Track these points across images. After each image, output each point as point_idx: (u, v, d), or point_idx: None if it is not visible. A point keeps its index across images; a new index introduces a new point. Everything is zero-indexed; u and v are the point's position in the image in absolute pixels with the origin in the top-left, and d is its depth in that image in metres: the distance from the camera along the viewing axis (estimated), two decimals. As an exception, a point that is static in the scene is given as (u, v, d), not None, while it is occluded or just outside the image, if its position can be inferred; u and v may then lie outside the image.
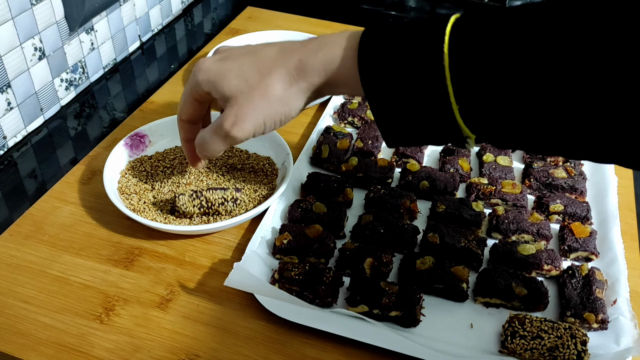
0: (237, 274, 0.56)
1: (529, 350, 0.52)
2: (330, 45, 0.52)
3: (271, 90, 0.53)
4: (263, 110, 0.53)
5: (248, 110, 0.53)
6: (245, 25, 1.07)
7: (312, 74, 0.52)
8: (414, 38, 0.46)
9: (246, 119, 0.53)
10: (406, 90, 0.46)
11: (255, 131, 0.54)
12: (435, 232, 0.63)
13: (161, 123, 0.76)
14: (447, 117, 0.45)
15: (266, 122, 0.54)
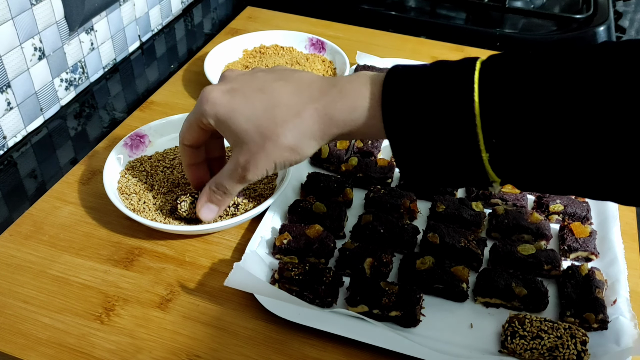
0: (237, 274, 0.56)
1: (528, 350, 0.52)
2: (351, 94, 0.52)
3: (283, 141, 0.53)
4: (275, 157, 0.54)
5: (260, 157, 0.54)
6: (245, 25, 1.07)
7: (330, 126, 0.53)
8: (440, 85, 0.46)
9: (259, 164, 0.55)
10: (433, 138, 0.46)
11: (267, 172, 0.56)
12: (435, 232, 0.63)
13: (161, 123, 0.76)
14: (475, 163, 0.45)
15: (277, 165, 0.55)
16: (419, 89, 0.47)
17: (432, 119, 0.46)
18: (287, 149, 0.54)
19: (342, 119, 0.52)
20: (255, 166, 0.55)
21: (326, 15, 1.09)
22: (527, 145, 0.43)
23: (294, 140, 0.53)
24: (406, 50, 1.00)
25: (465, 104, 0.44)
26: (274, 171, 0.56)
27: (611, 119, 0.40)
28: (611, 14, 1.04)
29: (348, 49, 0.95)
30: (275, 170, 0.56)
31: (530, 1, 1.14)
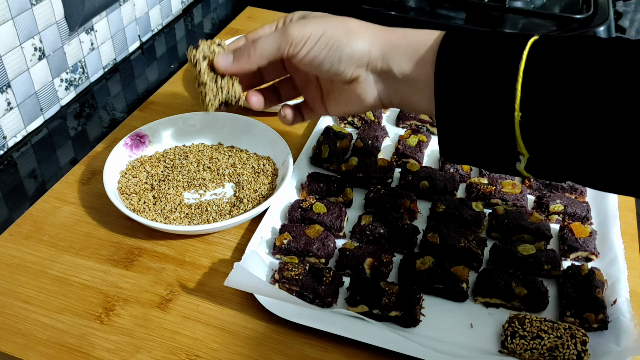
0: (237, 274, 0.56)
1: (528, 351, 0.52)
2: (416, 31, 0.53)
3: (348, 21, 0.53)
4: (329, 26, 0.52)
5: (318, 19, 0.53)
6: (245, 25, 1.07)
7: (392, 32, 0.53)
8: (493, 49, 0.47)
9: (309, 24, 0.53)
10: (474, 85, 0.47)
11: (310, 36, 0.52)
12: (435, 232, 0.63)
13: (161, 123, 0.76)
14: (507, 123, 0.46)
15: (323, 36, 0.52)
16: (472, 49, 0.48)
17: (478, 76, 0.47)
18: (346, 28, 0.53)
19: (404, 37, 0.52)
20: (306, 24, 0.53)
21: (326, 15, 1.09)
22: (559, 119, 0.44)
23: (356, 27, 0.53)
24: (406, 50, 1.00)
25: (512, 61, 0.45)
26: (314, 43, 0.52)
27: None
28: (611, 14, 1.04)
29: (348, 49, 0.94)
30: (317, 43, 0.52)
31: (530, 1, 1.14)
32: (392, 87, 0.54)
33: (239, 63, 0.56)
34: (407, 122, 0.82)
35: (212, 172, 0.72)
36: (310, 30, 0.52)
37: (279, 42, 0.53)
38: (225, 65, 0.56)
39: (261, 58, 0.54)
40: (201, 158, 0.74)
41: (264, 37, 0.54)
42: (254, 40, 0.55)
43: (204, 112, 0.68)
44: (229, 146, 0.76)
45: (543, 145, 0.46)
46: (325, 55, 0.53)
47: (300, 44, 0.52)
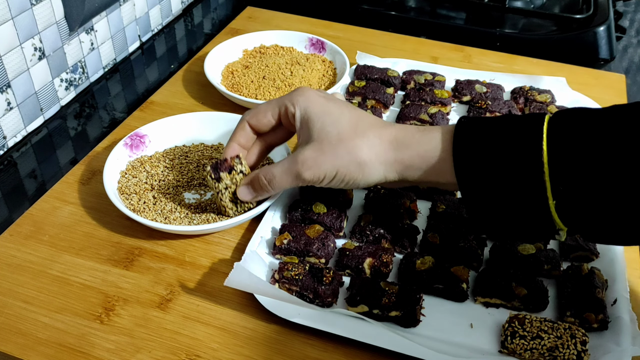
0: (237, 273, 0.56)
1: (528, 351, 0.52)
2: (425, 135, 0.54)
3: (357, 152, 0.55)
4: (340, 164, 0.55)
5: (327, 159, 0.55)
6: (245, 25, 1.07)
7: (403, 151, 0.54)
8: (510, 135, 0.48)
9: (322, 166, 0.55)
10: (502, 186, 0.48)
11: (324, 179, 0.56)
12: (435, 232, 0.63)
13: (161, 123, 0.76)
14: (542, 211, 0.47)
15: (337, 176, 0.55)
16: (488, 138, 0.49)
17: (501, 166, 0.48)
18: (356, 161, 0.54)
19: (416, 149, 0.53)
20: (318, 165, 0.55)
21: (326, 15, 1.09)
22: (592, 194, 0.45)
23: (366, 156, 0.54)
24: (406, 51, 1.00)
25: (534, 152, 0.46)
26: (329, 182, 0.56)
27: None
28: (611, 14, 1.04)
29: (348, 49, 0.95)
30: (332, 181, 0.56)
31: (530, 1, 1.14)
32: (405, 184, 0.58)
33: (261, 194, 0.61)
34: (407, 122, 0.82)
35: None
36: (323, 173, 0.55)
37: (295, 181, 0.57)
38: (249, 199, 0.62)
39: (279, 190, 0.60)
40: (201, 158, 0.74)
41: (278, 173, 0.57)
42: (267, 176, 0.58)
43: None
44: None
45: (581, 219, 0.47)
46: (345, 185, 0.57)
47: (317, 183, 0.57)
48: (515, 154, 0.47)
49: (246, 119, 0.62)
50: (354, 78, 0.90)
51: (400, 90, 0.89)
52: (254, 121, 0.61)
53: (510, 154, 0.48)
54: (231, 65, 0.92)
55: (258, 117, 0.61)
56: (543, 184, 0.46)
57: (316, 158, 0.55)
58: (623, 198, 0.44)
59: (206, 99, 0.87)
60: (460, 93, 0.87)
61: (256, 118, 0.61)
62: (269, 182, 0.59)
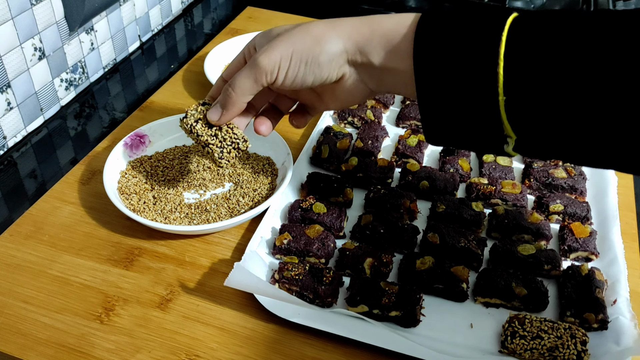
0: (237, 274, 0.56)
1: (528, 351, 0.52)
2: (391, 15, 0.52)
3: (312, 29, 0.52)
4: (295, 42, 0.51)
5: (282, 40, 0.52)
6: (245, 25, 1.07)
7: (362, 26, 0.51)
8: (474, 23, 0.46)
9: (276, 48, 0.51)
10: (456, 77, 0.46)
11: (280, 60, 0.51)
12: (435, 232, 0.63)
13: (161, 123, 0.76)
14: (492, 108, 0.45)
15: (294, 55, 0.51)
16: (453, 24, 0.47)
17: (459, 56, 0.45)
18: (312, 36, 0.51)
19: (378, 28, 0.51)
20: (272, 48, 0.51)
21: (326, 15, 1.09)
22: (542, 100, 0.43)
23: (321, 30, 0.52)
24: (406, 50, 1.00)
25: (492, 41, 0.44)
26: (287, 66, 0.52)
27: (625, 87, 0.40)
28: (611, 14, 1.04)
29: (348, 49, 0.94)
30: (290, 64, 0.52)
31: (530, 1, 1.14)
32: (377, 77, 0.53)
33: (227, 110, 0.56)
34: (407, 122, 0.82)
35: (212, 172, 0.72)
36: (279, 54, 0.52)
37: (254, 76, 0.53)
38: (217, 117, 0.57)
39: (244, 96, 0.55)
40: (201, 158, 0.74)
41: (238, 75, 0.54)
42: (230, 83, 0.55)
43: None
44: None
45: (530, 125, 0.45)
46: (304, 70, 0.52)
47: (275, 70, 0.52)
48: (474, 41, 0.45)
49: (222, 75, 0.61)
50: (354, 78, 0.90)
51: (400, 90, 0.89)
52: (227, 72, 0.60)
53: (470, 41, 0.45)
54: (231, 65, 0.92)
55: (230, 68, 0.59)
56: (495, 77, 0.44)
57: (271, 43, 0.52)
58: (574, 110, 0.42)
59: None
60: (460, 93, 0.86)
61: (229, 69, 0.59)
62: (231, 86, 0.55)
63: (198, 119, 0.59)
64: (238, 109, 0.56)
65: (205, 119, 0.58)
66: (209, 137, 0.58)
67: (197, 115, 0.59)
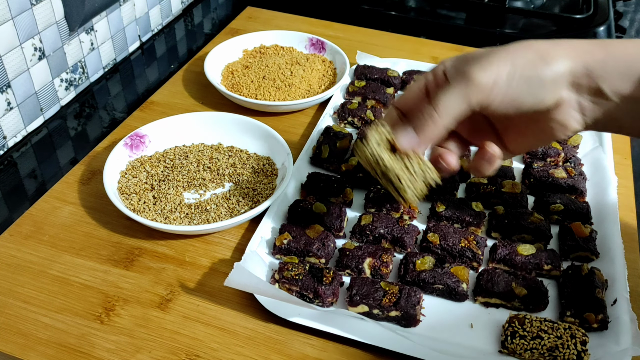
0: (237, 274, 0.56)
1: (528, 351, 0.52)
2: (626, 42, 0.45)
3: (532, 44, 0.45)
4: (515, 57, 0.44)
5: (498, 54, 0.44)
6: (245, 25, 1.07)
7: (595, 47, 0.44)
8: None
9: (493, 61, 0.44)
10: None
11: (499, 75, 0.44)
12: (435, 232, 0.63)
13: (161, 123, 0.76)
14: None
15: (514, 70, 0.44)
16: None
17: None
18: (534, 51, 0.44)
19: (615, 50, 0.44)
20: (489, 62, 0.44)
21: (326, 15, 1.09)
22: None
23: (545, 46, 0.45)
24: (406, 50, 1.00)
25: None
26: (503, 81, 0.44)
27: None
28: (611, 14, 1.04)
29: (348, 49, 0.95)
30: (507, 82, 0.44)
31: (530, 1, 1.14)
32: (603, 108, 0.46)
33: (425, 135, 0.46)
34: (407, 122, 0.82)
35: (212, 172, 0.72)
36: (496, 68, 0.44)
37: (465, 94, 0.44)
38: (412, 143, 0.47)
39: (449, 119, 0.45)
40: (201, 158, 0.74)
41: (442, 95, 0.45)
42: (432, 101, 0.46)
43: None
44: (229, 146, 0.76)
45: None
46: (526, 89, 0.45)
47: (492, 89, 0.44)
48: None
49: (394, 104, 0.52)
50: (354, 78, 0.90)
51: (400, 90, 0.89)
52: (400, 101, 0.51)
53: None
54: (231, 65, 0.92)
55: (405, 96, 0.51)
56: None
57: (486, 57, 0.44)
58: None
59: (206, 99, 0.87)
60: (460, 93, 0.86)
61: (402, 97, 0.51)
62: (434, 107, 0.45)
63: (381, 143, 0.49)
64: (438, 135, 0.47)
65: (388, 143, 0.48)
66: (400, 171, 0.48)
67: (377, 138, 0.49)
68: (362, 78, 0.89)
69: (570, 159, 0.74)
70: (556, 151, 0.74)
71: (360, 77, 0.89)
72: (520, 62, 0.44)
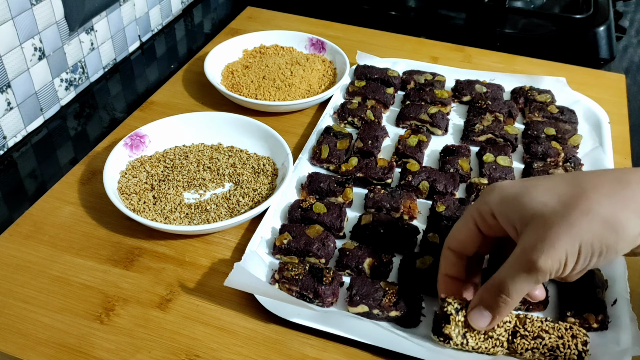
0: (237, 274, 0.56)
1: (529, 350, 0.52)
2: None
3: (598, 209, 0.41)
4: (582, 233, 0.41)
5: (559, 231, 0.42)
6: (245, 25, 1.07)
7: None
8: None
9: (557, 243, 0.42)
10: None
11: (567, 260, 0.42)
12: (435, 232, 0.63)
13: (161, 123, 0.76)
14: None
15: (582, 249, 0.42)
16: None
17: None
18: (600, 221, 0.41)
19: None
20: (552, 245, 0.42)
21: (326, 15, 1.09)
22: None
23: (611, 210, 0.41)
24: (406, 50, 1.00)
25: None
26: (575, 261, 0.43)
27: None
28: (611, 14, 1.04)
29: (348, 49, 0.95)
30: (579, 259, 0.42)
31: (530, 1, 1.14)
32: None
33: (500, 315, 0.48)
34: (407, 122, 0.82)
35: (212, 172, 0.72)
36: (563, 252, 0.42)
37: (534, 279, 0.44)
38: (486, 324, 0.49)
39: (520, 298, 0.47)
40: (201, 158, 0.74)
41: (510, 281, 0.45)
42: (501, 288, 0.46)
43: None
44: (229, 146, 0.76)
45: None
46: (597, 261, 0.43)
47: (560, 269, 0.43)
48: None
49: (446, 245, 0.53)
50: (354, 78, 0.90)
51: (400, 90, 0.89)
52: (455, 244, 0.52)
53: None
54: (231, 65, 0.92)
55: (456, 237, 0.51)
56: None
57: (545, 238, 0.42)
58: None
59: (206, 99, 0.87)
60: (460, 93, 0.87)
61: (456, 240, 0.51)
62: (500, 291, 0.46)
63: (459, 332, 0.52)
64: (510, 311, 0.48)
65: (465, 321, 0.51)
66: (482, 343, 0.52)
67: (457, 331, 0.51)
68: (362, 78, 0.89)
69: (570, 159, 0.74)
70: (556, 151, 0.74)
71: (360, 77, 0.89)
72: (587, 238, 0.42)
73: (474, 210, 0.49)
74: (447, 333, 0.51)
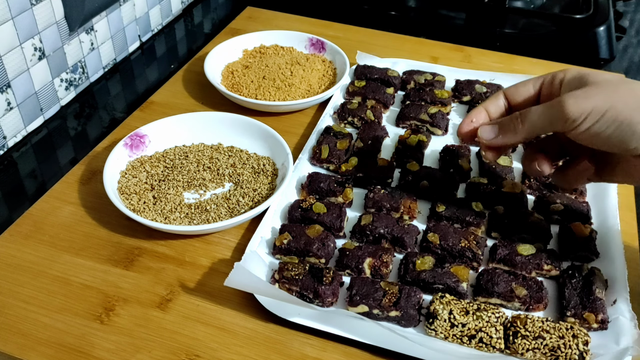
0: (237, 274, 0.56)
1: (530, 350, 0.52)
2: None
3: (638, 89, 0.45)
4: (617, 99, 0.44)
5: (601, 92, 0.45)
6: (245, 25, 1.07)
7: None
8: None
9: (591, 97, 0.45)
10: None
11: (591, 112, 0.45)
12: (435, 232, 0.63)
13: (161, 123, 0.76)
14: None
15: (609, 112, 0.44)
16: None
17: None
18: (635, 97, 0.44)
19: None
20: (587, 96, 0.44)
21: (326, 15, 1.09)
22: None
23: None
24: (406, 50, 1.00)
25: None
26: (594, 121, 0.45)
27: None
28: (611, 14, 1.04)
29: (348, 49, 0.95)
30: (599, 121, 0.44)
31: (530, 1, 1.14)
32: None
33: (505, 137, 0.51)
34: (407, 122, 0.82)
35: (212, 172, 0.72)
36: (591, 105, 0.45)
37: (552, 117, 0.47)
38: (489, 137, 0.52)
39: (529, 133, 0.49)
40: (201, 158, 0.74)
41: (534, 110, 0.48)
42: (522, 113, 0.49)
43: None
44: (229, 146, 0.76)
45: None
46: (613, 132, 0.45)
47: (579, 120, 0.46)
48: None
49: (503, 89, 0.56)
50: (354, 78, 0.90)
51: (400, 90, 0.89)
52: (511, 90, 0.54)
53: None
54: (231, 65, 0.92)
55: (517, 86, 0.54)
56: None
57: (587, 91, 0.45)
58: None
59: (206, 99, 0.87)
60: (460, 93, 0.87)
61: (514, 87, 0.54)
62: (521, 118, 0.49)
63: (450, 310, 0.54)
64: (514, 141, 0.51)
65: (454, 304, 0.53)
66: (473, 322, 0.53)
67: (445, 309, 0.54)
68: (362, 78, 0.89)
69: (570, 159, 0.74)
70: (556, 151, 0.74)
71: (360, 77, 0.89)
72: (619, 105, 0.44)
73: (549, 74, 0.52)
74: (432, 310, 0.53)
